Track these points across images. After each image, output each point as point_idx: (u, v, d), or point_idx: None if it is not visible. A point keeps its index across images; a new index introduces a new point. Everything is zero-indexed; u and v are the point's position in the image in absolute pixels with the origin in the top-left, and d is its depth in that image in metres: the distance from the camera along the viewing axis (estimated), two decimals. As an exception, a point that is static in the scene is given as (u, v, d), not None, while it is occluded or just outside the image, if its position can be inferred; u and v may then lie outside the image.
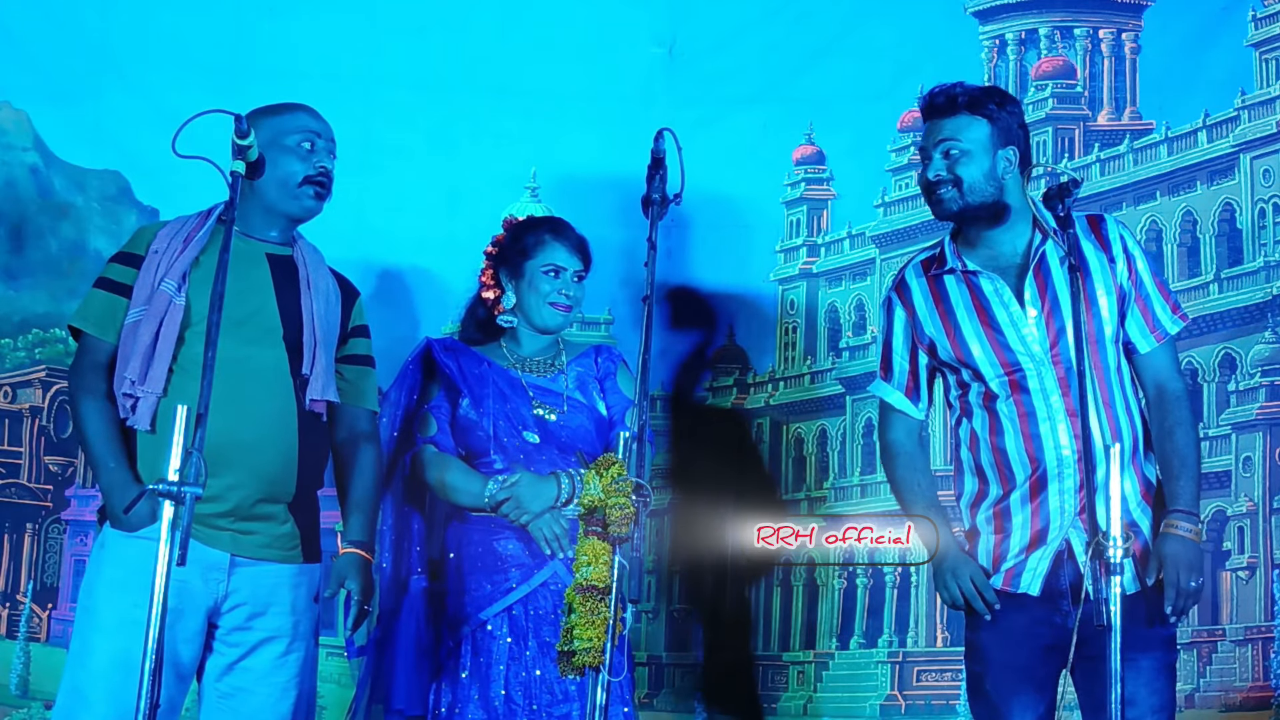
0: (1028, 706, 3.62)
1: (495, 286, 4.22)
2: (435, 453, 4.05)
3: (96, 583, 3.53)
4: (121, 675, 3.42)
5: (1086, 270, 3.61)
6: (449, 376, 4.11)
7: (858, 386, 4.98)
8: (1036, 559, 3.59)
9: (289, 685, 3.65)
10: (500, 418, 4.04)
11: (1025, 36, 5.03)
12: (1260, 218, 4.72)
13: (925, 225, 4.97)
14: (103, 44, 4.75)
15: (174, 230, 3.64)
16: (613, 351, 4.24)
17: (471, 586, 3.96)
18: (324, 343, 3.70)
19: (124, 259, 3.64)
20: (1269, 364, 4.67)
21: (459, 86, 4.93)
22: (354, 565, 3.73)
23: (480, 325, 4.24)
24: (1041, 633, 3.60)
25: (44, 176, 4.83)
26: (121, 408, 3.53)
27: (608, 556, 3.29)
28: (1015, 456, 3.62)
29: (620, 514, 3.25)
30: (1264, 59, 4.76)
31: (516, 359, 4.16)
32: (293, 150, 3.67)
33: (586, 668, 3.25)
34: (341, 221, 4.85)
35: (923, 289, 3.75)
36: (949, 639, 4.79)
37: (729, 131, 4.95)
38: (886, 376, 3.82)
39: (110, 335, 3.59)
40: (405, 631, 3.97)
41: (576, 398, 4.12)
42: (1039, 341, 3.60)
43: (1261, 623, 4.58)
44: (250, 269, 3.65)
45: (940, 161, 3.65)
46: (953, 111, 3.66)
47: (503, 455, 4.01)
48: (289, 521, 3.64)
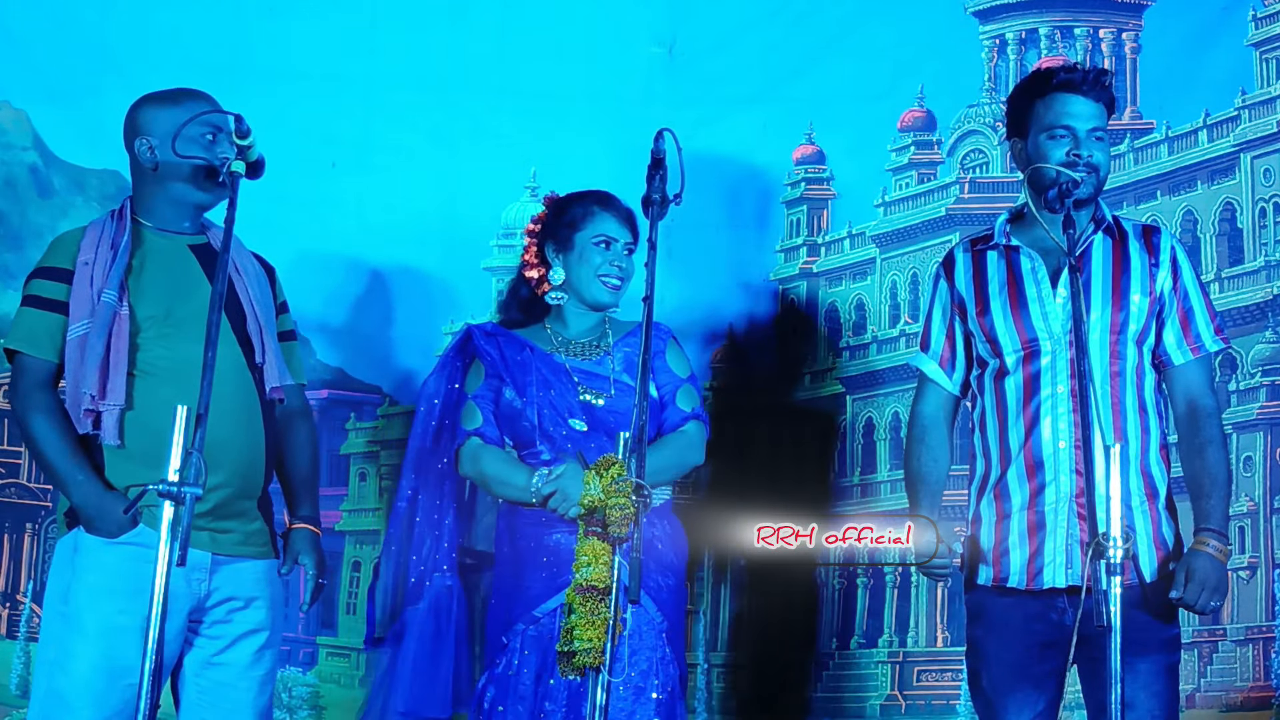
0: (1025, 703, 3.62)
1: (540, 264, 4.08)
2: (479, 444, 3.93)
3: (75, 588, 3.50)
4: (105, 681, 3.44)
5: (1126, 268, 3.62)
6: (490, 363, 3.99)
7: (858, 386, 4.98)
8: (1052, 552, 3.59)
9: (266, 680, 3.66)
10: (544, 406, 3.92)
11: (1025, 36, 5.03)
12: (1261, 217, 4.72)
13: (925, 225, 4.97)
14: (103, 44, 4.75)
15: (95, 238, 3.59)
16: (661, 328, 4.06)
17: (527, 583, 3.83)
18: (268, 328, 3.69)
19: (51, 274, 3.58)
20: (1269, 364, 4.67)
21: (459, 86, 4.93)
22: (306, 540, 3.74)
23: (524, 305, 4.11)
24: (1037, 629, 3.60)
25: (44, 176, 4.83)
26: (80, 423, 3.50)
27: (608, 556, 3.29)
28: (1014, 435, 3.63)
29: (620, 514, 3.25)
30: (1264, 59, 4.76)
31: (561, 342, 4.03)
32: (195, 141, 3.59)
33: (586, 668, 3.25)
34: (341, 221, 4.88)
35: (966, 262, 3.78)
36: (949, 639, 4.79)
37: (729, 131, 4.94)
38: (925, 348, 3.85)
39: (50, 354, 3.54)
40: (424, 631, 3.91)
41: (624, 380, 3.97)
42: (1060, 322, 3.61)
43: (1262, 623, 4.58)
44: (179, 265, 3.63)
45: (1094, 146, 3.64)
46: (1102, 94, 3.66)
47: (550, 445, 3.89)
48: (258, 518, 3.65)
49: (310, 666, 4.80)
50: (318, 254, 4.78)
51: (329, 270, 4.81)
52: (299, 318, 4.47)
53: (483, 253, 4.95)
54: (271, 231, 4.43)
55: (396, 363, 4.91)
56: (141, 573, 3.44)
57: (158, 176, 3.63)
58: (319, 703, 4.78)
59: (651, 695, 3.80)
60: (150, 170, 3.63)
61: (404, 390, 4.89)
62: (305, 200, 4.75)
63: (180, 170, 3.61)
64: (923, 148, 4.99)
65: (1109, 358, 3.62)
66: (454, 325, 4.91)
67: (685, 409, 4.02)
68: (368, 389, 4.90)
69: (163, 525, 3.02)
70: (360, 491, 4.90)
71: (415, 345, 4.90)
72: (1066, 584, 3.57)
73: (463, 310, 4.91)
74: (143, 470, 3.47)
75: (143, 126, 3.64)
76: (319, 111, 4.85)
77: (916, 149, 4.99)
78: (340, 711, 4.80)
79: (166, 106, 3.64)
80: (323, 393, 4.85)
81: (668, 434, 4.00)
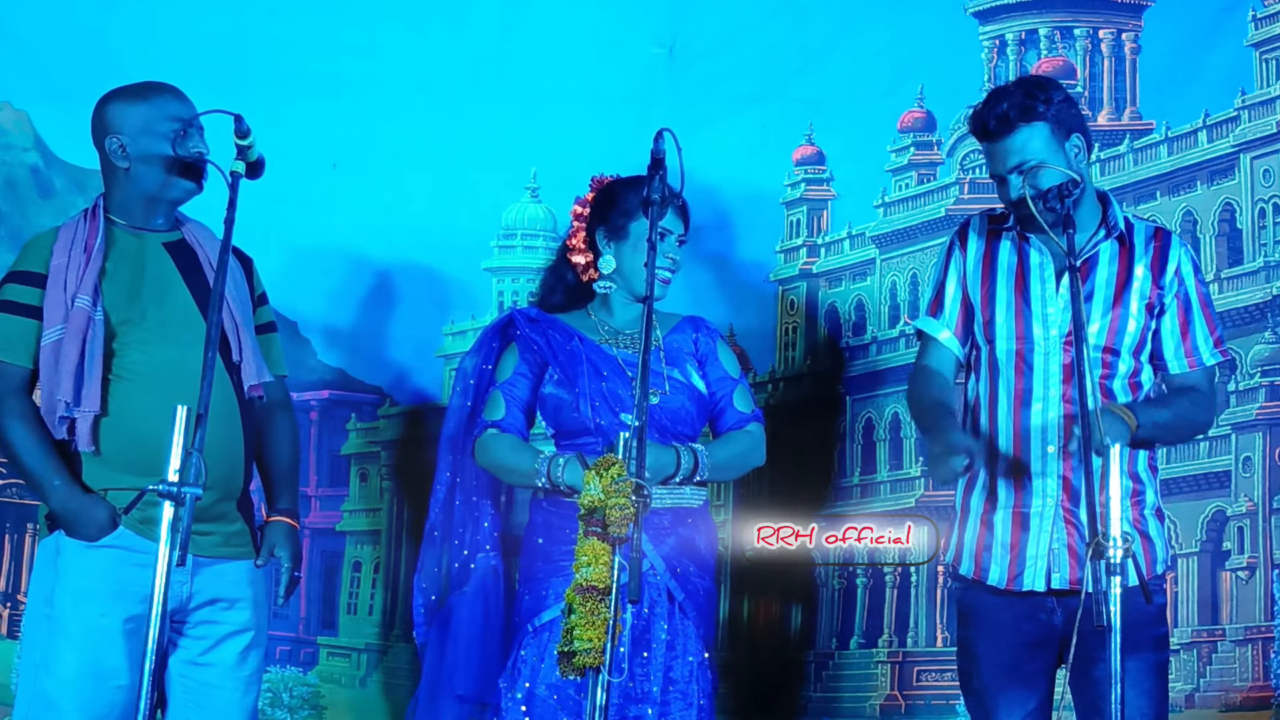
0: (1015, 703, 3.63)
1: (589, 250, 4.02)
2: (494, 435, 3.91)
3: (58, 591, 3.51)
4: (91, 685, 3.44)
5: (1129, 279, 3.62)
6: (536, 351, 3.93)
7: (857, 387, 4.98)
8: (1034, 555, 3.59)
9: (252, 680, 3.66)
10: (596, 398, 3.87)
11: (1025, 37, 5.03)
12: (1260, 218, 4.72)
13: (925, 225, 4.97)
14: (103, 44, 4.75)
15: (68, 240, 3.58)
16: (708, 325, 4.06)
17: (562, 568, 3.73)
18: (245, 324, 3.67)
19: (24, 278, 3.57)
20: (1269, 364, 4.67)
21: (459, 86, 4.92)
22: (283, 533, 3.73)
23: (570, 291, 4.04)
24: (1027, 629, 3.61)
25: (44, 176, 4.82)
26: (55, 429, 3.49)
27: (608, 557, 3.29)
28: (1004, 434, 3.63)
29: (620, 514, 3.25)
30: (1264, 59, 4.76)
31: (608, 332, 3.98)
32: (166, 137, 3.58)
33: (587, 668, 3.25)
34: (341, 221, 4.87)
35: (979, 243, 3.75)
36: (949, 639, 4.78)
37: (729, 131, 4.94)
38: (936, 313, 3.79)
39: (24, 359, 3.53)
40: (473, 613, 3.89)
41: (676, 377, 3.93)
42: (1058, 325, 3.61)
43: (1261, 623, 4.58)
44: (154, 265, 3.62)
45: (1018, 181, 3.56)
46: (1008, 130, 3.58)
47: (602, 438, 3.83)
48: (239, 519, 3.65)
49: (311, 666, 4.80)
50: (318, 254, 4.78)
51: (329, 270, 4.81)
52: (299, 318, 4.49)
53: (483, 253, 4.95)
54: (272, 232, 4.45)
55: (396, 363, 4.90)
56: (123, 575, 3.45)
57: (129, 174, 3.61)
58: (319, 703, 4.78)
59: (699, 701, 3.81)
60: (121, 168, 3.62)
61: (404, 390, 4.90)
62: (305, 200, 4.75)
63: (152, 166, 3.60)
64: (922, 148, 4.99)
65: (1101, 366, 3.62)
66: (454, 325, 4.91)
67: (745, 410, 4.00)
68: (368, 389, 4.90)
69: (162, 525, 3.02)
70: (361, 492, 4.90)
71: (415, 345, 4.89)
72: (1046, 589, 3.58)
73: (463, 310, 4.91)
74: (119, 475, 3.48)
75: (111, 124, 3.62)
76: (319, 112, 4.84)
77: (916, 149, 4.99)
78: (341, 711, 4.80)
79: (134, 102, 3.62)
80: (323, 393, 4.85)
81: (731, 432, 3.98)
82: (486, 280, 4.97)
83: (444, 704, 3.90)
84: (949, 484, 3.71)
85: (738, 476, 4.21)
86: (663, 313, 3.96)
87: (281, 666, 4.74)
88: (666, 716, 3.78)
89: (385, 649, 4.82)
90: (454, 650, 3.89)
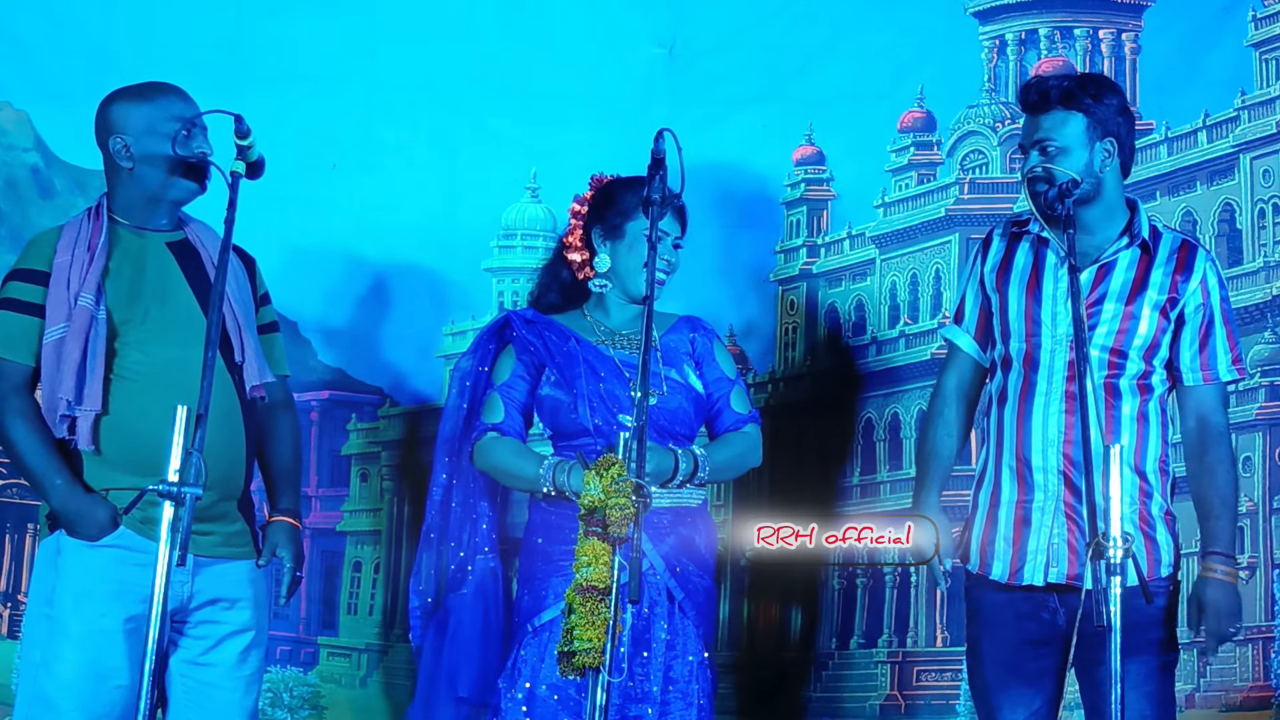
0: (1019, 701, 3.64)
1: (585, 248, 4.01)
2: (493, 438, 3.90)
3: (59, 591, 3.51)
4: (91, 684, 3.44)
5: (1145, 285, 3.63)
6: (533, 353, 3.93)
7: (858, 387, 4.98)
8: (1034, 549, 3.61)
9: (253, 680, 3.66)
10: (594, 399, 3.87)
11: (1025, 37, 5.03)
12: (1260, 218, 4.72)
13: (925, 225, 4.97)
14: (103, 44, 4.75)
15: (71, 239, 3.58)
16: (704, 325, 4.06)
17: (561, 568, 3.73)
18: (247, 324, 3.67)
19: (27, 276, 3.57)
20: (1269, 364, 4.67)
21: (459, 86, 4.93)
22: (285, 533, 3.73)
23: (565, 290, 4.03)
24: (1029, 627, 3.62)
25: (44, 176, 4.83)
26: (56, 428, 3.50)
27: (608, 557, 3.29)
28: (1009, 430, 3.66)
29: (620, 514, 3.25)
30: (1264, 59, 4.76)
31: (604, 332, 3.98)
32: (169, 138, 3.58)
33: (587, 668, 3.25)
34: (342, 221, 4.88)
35: (1000, 245, 3.79)
36: (949, 639, 4.79)
37: (729, 132, 4.94)
38: (959, 320, 3.85)
39: (26, 357, 3.53)
40: (472, 615, 3.89)
41: (673, 377, 3.92)
42: (1066, 324, 3.62)
43: (1261, 623, 4.58)
44: (156, 264, 3.62)
45: (1036, 157, 3.63)
46: (1046, 107, 3.65)
47: (601, 439, 3.82)
48: (239, 519, 3.65)
49: (311, 667, 4.80)
50: (318, 254, 4.78)
51: (329, 270, 4.82)
52: (299, 318, 4.49)
53: (483, 253, 4.95)
54: (272, 232, 4.45)
55: (396, 363, 4.90)
56: (123, 575, 3.45)
57: (132, 174, 3.62)
58: (320, 703, 4.78)
59: (698, 701, 3.81)
60: (125, 168, 3.62)
61: (404, 390, 4.90)
62: (305, 200, 4.75)
63: (155, 166, 3.60)
64: (922, 148, 4.99)
65: (1107, 367, 3.63)
66: (454, 325, 4.91)
67: (742, 411, 4.01)
68: (368, 389, 4.90)
69: (162, 525, 3.02)
70: (361, 492, 4.90)
71: (415, 345, 4.90)
72: (1045, 583, 3.59)
73: (463, 310, 4.91)
74: (120, 475, 3.48)
75: (115, 123, 3.63)
76: (319, 112, 4.85)
77: (916, 150, 4.99)
78: (341, 711, 4.80)
79: (138, 102, 3.63)
80: (323, 393, 4.85)
81: (728, 433, 3.99)
82: (486, 280, 4.97)
83: (442, 706, 3.90)
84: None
85: (735, 478, 4.22)
86: (659, 313, 3.93)
87: (282, 666, 4.74)
88: (666, 716, 3.79)
89: (385, 649, 4.82)
90: (454, 652, 3.89)
